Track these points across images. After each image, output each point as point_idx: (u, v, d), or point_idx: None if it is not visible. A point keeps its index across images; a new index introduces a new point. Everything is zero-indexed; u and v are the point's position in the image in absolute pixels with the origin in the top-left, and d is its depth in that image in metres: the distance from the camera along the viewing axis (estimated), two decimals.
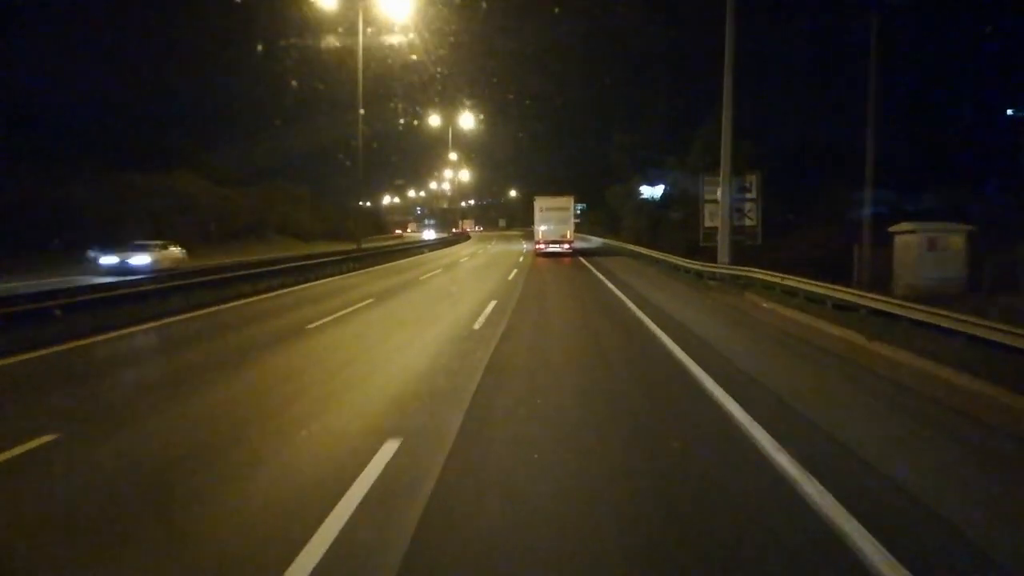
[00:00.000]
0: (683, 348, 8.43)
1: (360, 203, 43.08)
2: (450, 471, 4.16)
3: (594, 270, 23.08)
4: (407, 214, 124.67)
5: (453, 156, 74.59)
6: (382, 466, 4.21)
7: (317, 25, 25.52)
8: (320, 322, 11.15)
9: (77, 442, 4.91)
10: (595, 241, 48.08)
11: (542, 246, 31.96)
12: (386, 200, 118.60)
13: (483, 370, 7.20)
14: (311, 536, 3.19)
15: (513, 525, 3.44)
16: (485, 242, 50.92)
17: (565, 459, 4.46)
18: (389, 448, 4.54)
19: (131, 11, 39.84)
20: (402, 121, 46.69)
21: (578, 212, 67.58)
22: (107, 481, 4.15)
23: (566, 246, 32.06)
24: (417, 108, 45.08)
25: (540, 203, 32.58)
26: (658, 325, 10.50)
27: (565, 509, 3.67)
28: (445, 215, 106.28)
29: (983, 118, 24.46)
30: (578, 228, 63.62)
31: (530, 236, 37.55)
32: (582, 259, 30.15)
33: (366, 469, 4.13)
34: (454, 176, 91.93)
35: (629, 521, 3.53)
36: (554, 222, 32.11)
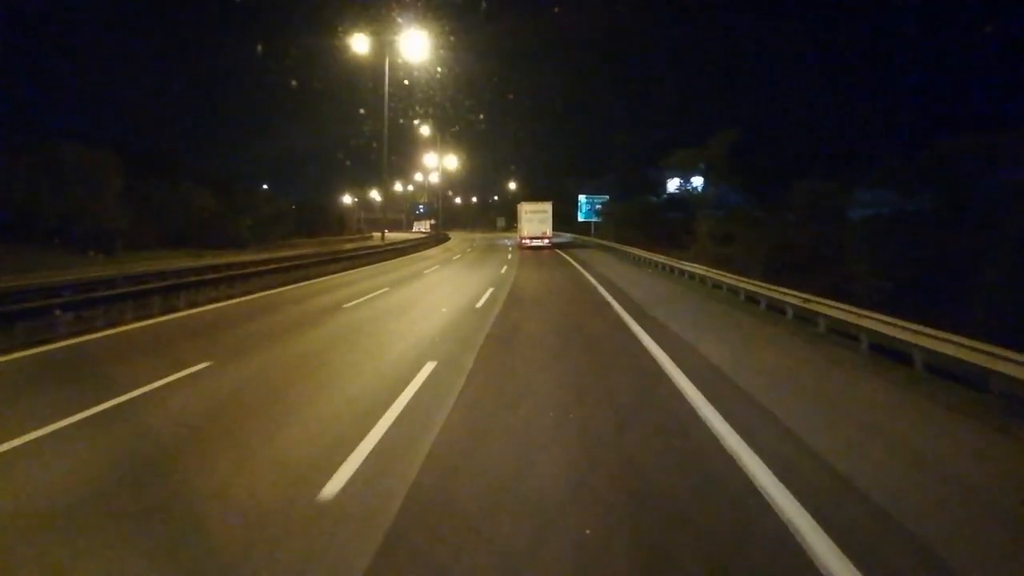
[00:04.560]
0: None
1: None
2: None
3: None
4: (400, 212, 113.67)
5: (425, 130, 55.88)
6: None
7: None
8: None
9: None
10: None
11: (527, 241, 36.86)
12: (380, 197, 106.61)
13: None
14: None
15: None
16: (443, 259, 30.36)
17: None
18: None
19: None
20: (401, 121, 43.72)
21: (598, 207, 49.10)
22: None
23: (546, 241, 36.78)
24: (416, 107, 41.32)
25: (524, 207, 38.78)
26: None
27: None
28: (434, 212, 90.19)
29: None
30: (597, 230, 44.70)
31: None
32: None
33: None
34: (439, 164, 74.27)
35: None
36: (536, 222, 37.09)
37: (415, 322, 10.16)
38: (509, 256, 29.97)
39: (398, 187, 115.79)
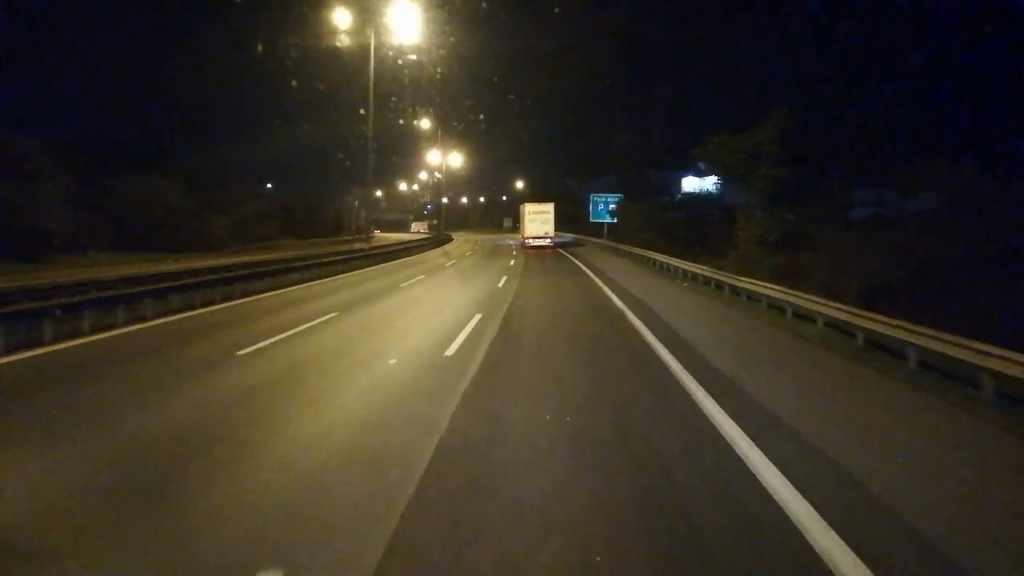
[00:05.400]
0: None
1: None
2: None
3: None
4: (406, 212, 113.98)
5: (428, 129, 51.86)
6: None
7: None
8: None
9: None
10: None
11: (530, 240, 37.34)
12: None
13: None
14: None
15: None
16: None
17: None
18: None
19: None
20: (401, 121, 42.91)
21: (612, 207, 45.30)
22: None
23: (548, 241, 37.40)
24: (416, 107, 40.70)
25: (528, 208, 39.79)
26: None
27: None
28: (437, 212, 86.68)
29: None
30: (611, 232, 40.67)
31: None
32: None
33: None
34: (443, 163, 70.52)
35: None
36: (539, 222, 37.98)
37: (323, 399, 5.79)
38: (511, 262, 25.58)
39: (403, 187, 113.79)
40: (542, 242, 36.83)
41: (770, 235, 19.44)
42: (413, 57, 28.83)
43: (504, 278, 18.23)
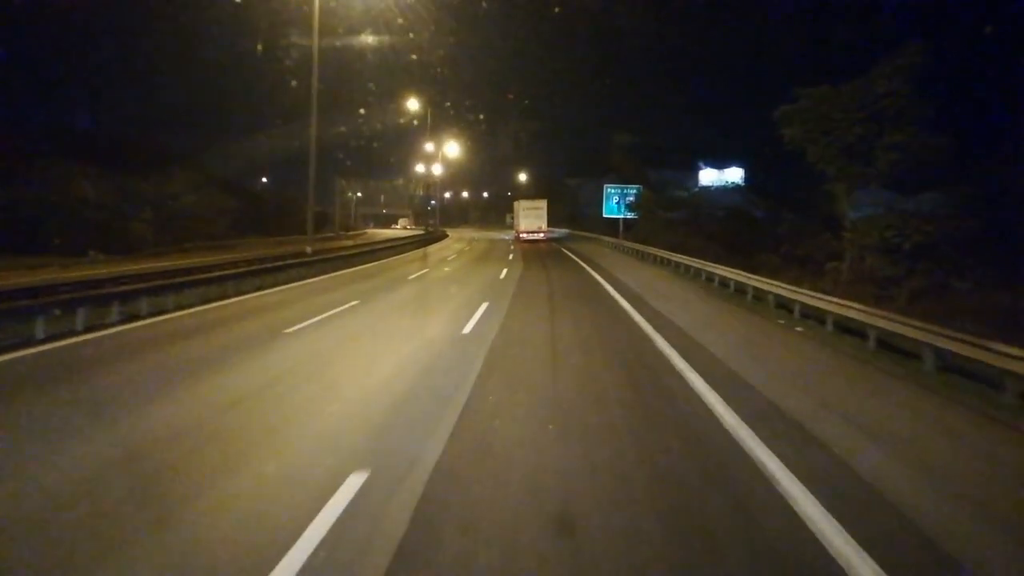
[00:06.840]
0: None
1: None
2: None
3: None
4: (404, 207, 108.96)
5: (424, 123, 45.73)
6: None
7: None
8: None
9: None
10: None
11: (524, 235, 40.10)
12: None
13: None
14: None
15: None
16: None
17: None
18: None
19: None
20: (401, 120, 42.06)
21: (630, 200, 38.75)
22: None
23: (541, 235, 39.88)
24: (416, 104, 38.68)
25: (521, 204, 42.53)
26: None
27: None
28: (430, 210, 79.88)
29: None
30: (628, 230, 34.04)
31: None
32: None
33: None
34: (437, 151, 63.37)
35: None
36: (532, 218, 40.71)
37: None
38: (503, 273, 18.49)
39: (400, 182, 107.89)
40: (535, 236, 39.62)
41: (907, 240, 12.26)
42: (413, 57, 29.48)
43: (482, 308, 11.10)
